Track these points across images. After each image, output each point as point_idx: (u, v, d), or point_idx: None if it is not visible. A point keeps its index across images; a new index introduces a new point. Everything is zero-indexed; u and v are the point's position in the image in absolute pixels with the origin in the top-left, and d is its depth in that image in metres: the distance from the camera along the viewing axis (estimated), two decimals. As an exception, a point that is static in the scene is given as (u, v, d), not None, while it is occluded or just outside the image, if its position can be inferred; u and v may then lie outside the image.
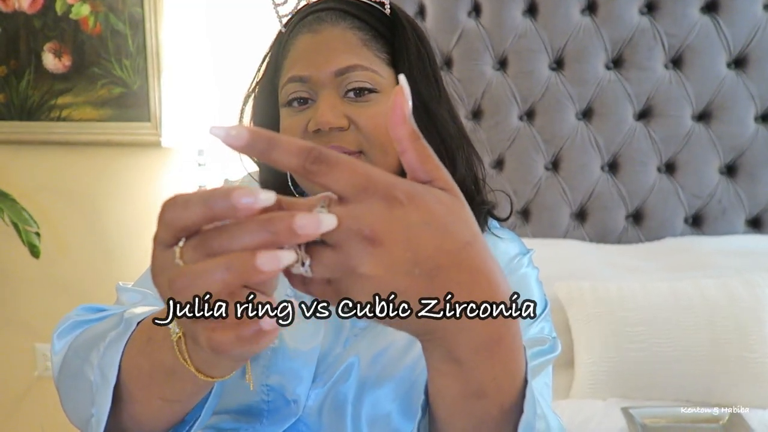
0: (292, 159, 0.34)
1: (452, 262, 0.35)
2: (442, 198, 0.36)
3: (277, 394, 0.72)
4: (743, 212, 1.74)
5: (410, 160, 0.37)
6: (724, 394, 1.33)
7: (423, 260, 0.34)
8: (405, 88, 0.37)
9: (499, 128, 1.78)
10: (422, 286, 0.34)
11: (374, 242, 0.34)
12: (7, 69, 1.97)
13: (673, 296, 1.40)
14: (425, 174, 0.37)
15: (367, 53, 0.69)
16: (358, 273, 0.34)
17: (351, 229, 0.34)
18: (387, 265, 0.34)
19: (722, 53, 1.69)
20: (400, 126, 0.36)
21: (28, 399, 2.16)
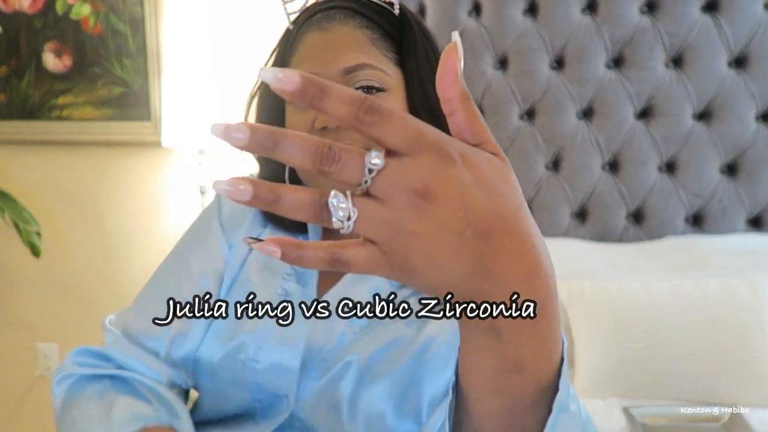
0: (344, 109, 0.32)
1: (504, 226, 0.34)
2: (493, 161, 0.35)
3: (267, 392, 0.72)
4: (744, 211, 1.74)
5: (459, 122, 0.36)
6: (725, 393, 1.33)
7: (475, 221, 0.33)
8: (458, 46, 0.35)
9: (499, 128, 1.78)
10: (474, 249, 0.33)
11: (426, 197, 0.32)
12: (7, 69, 1.97)
13: (674, 295, 1.40)
14: (473, 136, 0.36)
15: (376, 52, 0.69)
16: (407, 229, 0.33)
17: (402, 182, 0.32)
18: (439, 222, 0.32)
19: (723, 52, 1.69)
20: (451, 86, 0.35)
21: (29, 398, 2.16)
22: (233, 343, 0.73)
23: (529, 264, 0.35)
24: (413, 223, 0.32)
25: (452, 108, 0.35)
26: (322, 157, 0.32)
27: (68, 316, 2.08)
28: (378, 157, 0.32)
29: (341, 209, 0.33)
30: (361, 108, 0.32)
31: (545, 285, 0.36)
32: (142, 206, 2.01)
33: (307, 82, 0.31)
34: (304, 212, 0.33)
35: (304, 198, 0.33)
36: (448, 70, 0.34)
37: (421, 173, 0.32)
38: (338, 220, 0.33)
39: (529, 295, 0.35)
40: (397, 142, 0.32)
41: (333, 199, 0.33)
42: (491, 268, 0.34)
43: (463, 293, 0.35)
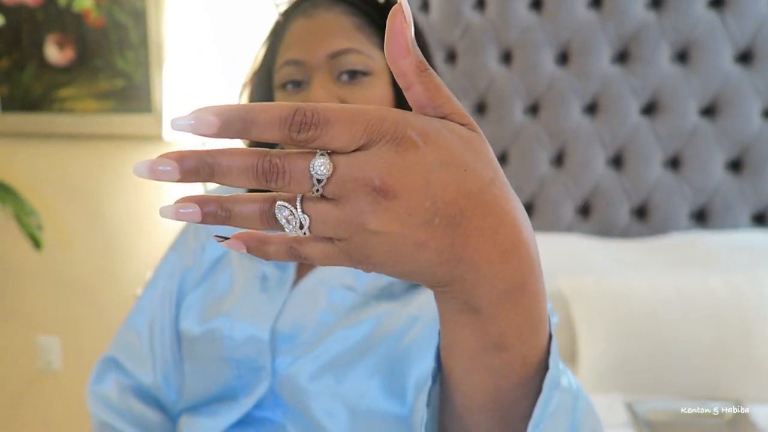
0: (275, 132, 0.29)
1: (476, 204, 0.31)
2: (461, 133, 0.32)
3: (245, 367, 0.75)
4: (748, 208, 1.73)
5: (418, 96, 0.32)
6: (728, 389, 1.33)
7: (444, 207, 0.30)
8: (405, 7, 0.31)
9: (503, 122, 1.78)
10: (444, 237, 0.31)
11: (387, 194, 0.30)
12: (9, 61, 1.97)
13: (677, 292, 1.40)
14: (436, 110, 0.32)
15: (360, 37, 0.71)
16: (369, 230, 0.30)
17: (356, 179, 0.30)
18: (403, 218, 0.30)
19: (728, 48, 1.68)
20: (402, 57, 0.31)
21: (30, 392, 2.16)
22: (210, 324, 0.77)
23: (504, 242, 0.32)
24: (373, 223, 0.30)
25: (408, 82, 0.32)
26: (263, 173, 0.30)
27: (69, 309, 2.08)
28: (323, 165, 0.30)
29: (291, 219, 0.31)
30: (291, 127, 0.29)
31: (523, 262, 0.33)
32: (143, 199, 2.01)
33: (227, 117, 0.29)
34: (258, 224, 0.32)
35: (254, 210, 0.31)
36: (396, 39, 0.31)
37: (377, 167, 0.30)
38: (291, 230, 0.31)
39: (505, 275, 0.33)
40: (344, 144, 0.30)
41: (279, 212, 0.31)
42: (462, 254, 0.32)
43: (431, 280, 0.33)
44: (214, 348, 0.76)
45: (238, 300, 0.77)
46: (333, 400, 0.70)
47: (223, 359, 0.75)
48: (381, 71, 0.72)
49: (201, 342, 0.78)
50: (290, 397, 0.72)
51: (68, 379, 2.12)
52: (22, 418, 2.18)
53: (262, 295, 0.77)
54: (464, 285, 0.33)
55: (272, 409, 0.74)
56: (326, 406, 0.70)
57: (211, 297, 0.80)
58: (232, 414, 0.75)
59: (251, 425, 0.75)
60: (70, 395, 2.12)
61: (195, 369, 0.80)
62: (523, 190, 1.80)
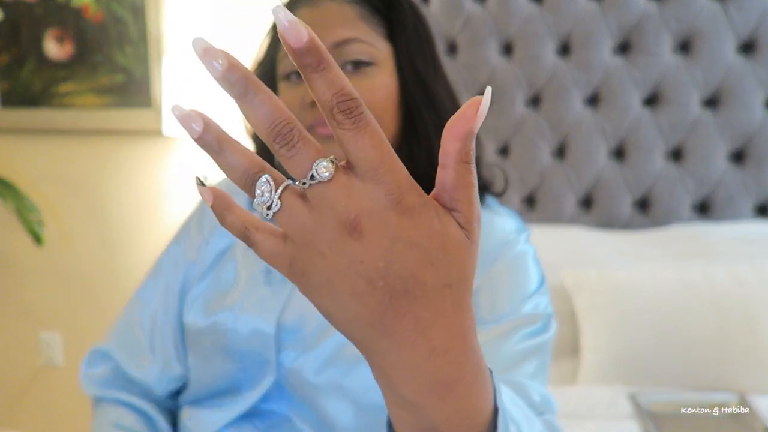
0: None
1: (423, 295, 0.31)
2: (451, 233, 0.32)
3: (250, 360, 0.74)
4: (751, 199, 1.73)
5: (445, 179, 0.32)
6: (732, 380, 1.32)
7: (392, 277, 0.30)
8: (484, 103, 0.31)
9: (504, 115, 1.77)
10: (380, 302, 0.31)
11: (353, 231, 0.30)
12: (8, 57, 1.96)
13: (681, 283, 1.39)
14: (452, 201, 0.32)
15: (365, 27, 0.70)
16: (319, 249, 0.31)
17: (339, 202, 0.30)
18: (353, 259, 0.30)
19: (730, 38, 1.67)
20: (455, 139, 0.31)
21: (33, 388, 2.16)
22: (214, 318, 0.77)
23: (435, 340, 0.32)
24: (326, 246, 0.30)
25: (446, 162, 0.32)
26: (278, 133, 0.30)
27: (70, 305, 2.08)
28: (327, 168, 0.30)
29: (265, 195, 0.31)
30: (340, 104, 0.30)
31: (452, 365, 0.33)
32: (144, 194, 2.00)
33: (313, 47, 0.29)
34: (236, 177, 0.32)
35: (242, 164, 0.32)
36: (460, 122, 0.31)
37: (362, 203, 0.30)
38: (259, 204, 0.32)
39: (429, 369, 0.32)
40: (358, 158, 0.30)
41: (260, 182, 0.31)
42: (390, 330, 0.31)
43: (354, 336, 0.33)
44: (218, 341, 0.76)
45: (242, 293, 0.76)
46: (339, 394, 0.70)
47: (228, 352, 0.75)
48: (385, 61, 0.71)
49: (205, 335, 0.77)
50: (296, 390, 0.72)
51: (70, 375, 2.12)
52: (24, 413, 2.18)
53: (267, 288, 0.76)
54: (384, 362, 0.33)
55: (278, 401, 0.74)
56: (332, 400, 0.70)
57: (215, 290, 0.79)
58: (237, 407, 0.75)
59: (257, 417, 0.75)
60: (71, 391, 2.12)
61: (199, 362, 0.79)
62: (525, 182, 1.79)
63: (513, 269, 0.73)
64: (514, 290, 0.71)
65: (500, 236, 0.75)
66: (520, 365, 0.65)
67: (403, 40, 0.72)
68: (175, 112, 0.32)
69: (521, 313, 0.70)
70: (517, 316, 0.69)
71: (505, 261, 0.74)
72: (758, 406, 1.24)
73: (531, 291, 0.72)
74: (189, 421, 0.79)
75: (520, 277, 0.73)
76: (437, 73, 0.75)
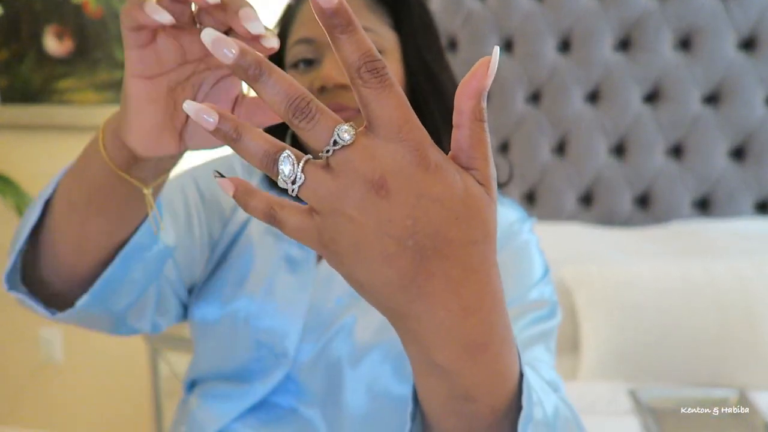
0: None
1: (451, 252, 0.31)
2: (473, 189, 0.32)
3: (266, 350, 0.73)
4: (751, 196, 1.73)
5: (461, 138, 0.33)
6: (732, 376, 1.32)
7: (421, 235, 0.31)
8: (493, 62, 0.32)
9: (504, 111, 1.77)
10: (410, 263, 0.31)
11: (380, 189, 0.30)
12: (8, 53, 1.96)
13: (681, 279, 1.39)
14: (468, 159, 0.33)
15: (371, 16, 0.70)
16: (346, 212, 0.31)
17: (363, 164, 0.31)
18: (382, 219, 0.31)
19: (731, 35, 1.67)
20: (468, 98, 0.32)
21: (33, 385, 2.16)
22: (233, 305, 0.74)
23: (467, 298, 0.32)
24: (354, 209, 0.31)
25: (461, 121, 0.33)
26: (296, 108, 0.31)
27: (71, 302, 2.08)
28: (347, 132, 0.31)
29: (288, 170, 0.32)
30: (367, 63, 0.30)
31: (484, 324, 0.33)
32: (145, 191, 2.00)
33: (342, 8, 0.30)
34: (257, 160, 0.32)
35: (261, 147, 0.32)
36: (472, 81, 0.32)
37: (386, 162, 0.31)
38: (283, 180, 0.32)
39: (463, 331, 0.33)
40: (381, 117, 0.31)
41: (283, 158, 0.32)
42: (422, 290, 0.32)
43: (386, 303, 0.33)
44: (236, 329, 0.74)
45: (263, 280, 0.75)
46: (350, 383, 0.70)
47: (246, 341, 0.74)
48: (392, 50, 0.71)
49: (221, 324, 0.75)
50: (308, 380, 0.72)
51: (70, 372, 2.12)
52: (25, 410, 2.18)
53: (291, 277, 0.74)
54: (418, 327, 0.33)
55: (284, 394, 0.73)
56: (344, 389, 0.70)
57: (229, 278, 0.76)
58: (246, 399, 0.74)
59: (262, 410, 0.74)
60: (71, 387, 2.12)
61: (210, 347, 0.77)
62: (525, 179, 1.79)
63: (518, 258, 0.74)
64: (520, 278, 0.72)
65: (504, 225, 0.76)
66: (529, 349, 0.65)
67: (410, 29, 0.72)
68: (188, 108, 0.32)
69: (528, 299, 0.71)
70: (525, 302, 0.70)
71: (510, 250, 0.74)
72: (758, 402, 1.24)
73: (536, 279, 0.73)
74: (198, 410, 0.77)
75: (525, 265, 0.74)
76: (443, 62, 0.75)
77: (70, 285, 0.58)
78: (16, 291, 0.58)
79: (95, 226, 0.53)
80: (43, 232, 0.56)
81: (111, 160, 0.49)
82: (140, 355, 1.96)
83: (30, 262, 0.59)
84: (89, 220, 0.53)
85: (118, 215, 0.53)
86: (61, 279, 0.57)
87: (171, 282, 0.73)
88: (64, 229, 0.54)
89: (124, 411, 2.09)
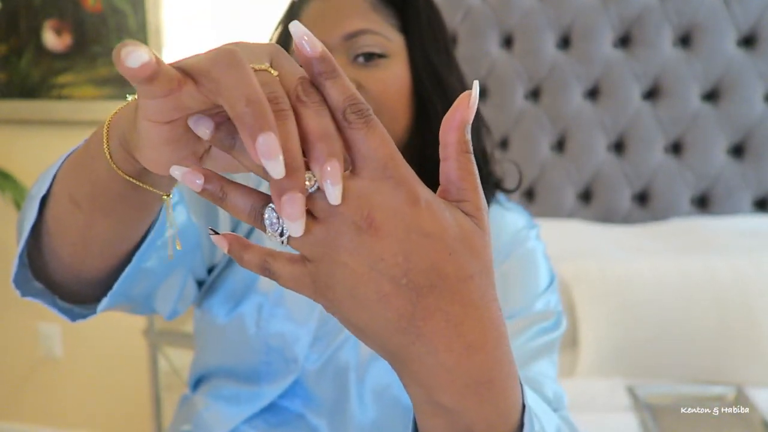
0: None
1: (448, 288, 0.31)
2: (463, 223, 0.32)
3: (277, 354, 0.73)
4: (750, 193, 1.73)
5: (449, 171, 0.33)
6: (731, 373, 1.33)
7: (415, 272, 0.30)
8: (473, 96, 0.33)
9: (504, 107, 1.76)
10: (407, 302, 0.31)
11: (369, 229, 0.30)
12: (7, 47, 1.95)
13: (680, 276, 1.39)
14: (458, 191, 0.33)
15: (377, 18, 0.69)
16: (339, 260, 0.31)
17: (348, 207, 0.30)
18: (374, 259, 0.30)
19: (731, 32, 1.67)
20: (453, 130, 0.33)
21: (32, 379, 2.16)
22: (243, 306, 0.73)
23: (469, 335, 0.32)
24: (345, 253, 0.31)
25: (447, 154, 0.33)
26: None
27: (70, 297, 2.08)
28: (309, 179, 0.31)
29: (275, 224, 0.32)
30: (352, 106, 0.31)
31: (489, 361, 0.33)
32: (144, 187, 2.00)
33: (326, 56, 0.31)
34: (245, 216, 0.33)
35: (246, 203, 0.33)
36: (454, 116, 0.33)
37: (373, 200, 0.31)
38: (272, 233, 0.33)
39: (468, 369, 0.32)
40: (367, 157, 0.31)
41: (267, 213, 0.33)
42: (421, 330, 0.31)
43: (388, 349, 0.33)
44: (245, 331, 0.73)
45: (274, 283, 0.71)
46: (358, 392, 0.70)
47: (256, 343, 0.73)
48: (398, 52, 0.69)
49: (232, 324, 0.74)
50: (316, 388, 0.72)
51: (69, 367, 2.12)
52: (24, 405, 2.18)
53: None
54: (421, 369, 0.32)
55: (292, 399, 0.73)
56: (351, 398, 0.70)
57: (242, 277, 0.74)
58: (256, 403, 0.73)
59: (270, 413, 0.74)
60: (71, 382, 2.12)
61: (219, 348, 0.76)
62: (524, 175, 1.78)
63: (525, 265, 0.74)
64: (526, 287, 0.72)
65: (512, 232, 0.75)
66: (534, 362, 0.65)
67: (417, 31, 0.70)
68: (175, 173, 0.33)
69: (534, 310, 0.70)
70: (531, 313, 0.70)
71: (517, 257, 0.74)
72: (756, 399, 1.25)
73: (542, 288, 0.73)
74: (206, 412, 0.76)
75: (531, 273, 0.73)
76: (451, 64, 0.73)
77: (77, 285, 0.55)
78: (31, 296, 0.55)
79: (102, 228, 0.48)
80: (42, 234, 0.52)
81: (119, 168, 0.42)
82: (139, 350, 1.96)
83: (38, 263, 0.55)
84: (95, 222, 0.48)
85: (129, 218, 0.48)
86: (66, 280, 0.54)
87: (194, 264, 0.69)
88: (66, 230, 0.50)
89: (123, 406, 2.09)
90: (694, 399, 1.26)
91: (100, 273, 0.53)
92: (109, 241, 0.50)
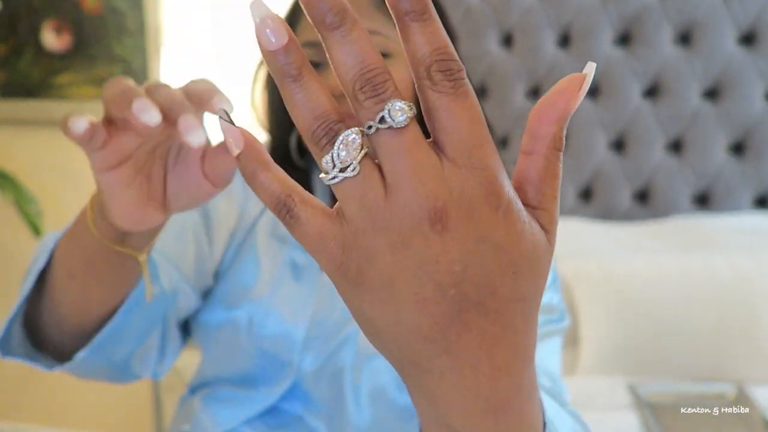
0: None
1: (491, 308, 0.26)
2: (537, 238, 0.27)
3: (270, 358, 0.72)
4: (750, 191, 1.73)
5: (532, 169, 0.27)
6: (731, 370, 1.33)
7: (467, 285, 0.25)
8: (586, 82, 0.27)
9: (504, 106, 1.76)
10: (445, 314, 0.26)
11: (437, 225, 0.25)
12: (6, 47, 1.95)
13: (680, 273, 1.39)
14: (537, 195, 0.27)
15: (380, 17, 0.68)
16: (387, 240, 0.25)
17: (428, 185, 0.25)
18: (426, 260, 0.25)
19: (731, 30, 1.67)
20: (550, 123, 0.27)
21: (32, 379, 2.16)
22: (237, 312, 0.73)
23: (500, 360, 0.27)
24: (398, 238, 0.25)
25: (535, 148, 0.27)
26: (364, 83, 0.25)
27: (70, 297, 2.08)
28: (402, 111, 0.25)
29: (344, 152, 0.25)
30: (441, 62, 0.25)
31: (511, 387, 0.28)
32: (144, 187, 2.00)
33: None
34: (309, 120, 0.27)
35: (321, 104, 0.27)
36: (557, 102, 0.27)
37: (453, 192, 0.25)
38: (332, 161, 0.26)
39: (486, 395, 0.28)
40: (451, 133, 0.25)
41: (348, 134, 0.26)
42: (453, 345, 0.26)
43: (406, 356, 0.27)
44: (238, 336, 0.73)
45: (267, 287, 0.73)
46: (354, 394, 0.70)
47: (249, 348, 0.73)
48: (401, 53, 0.68)
49: (224, 330, 0.74)
50: (314, 390, 0.72)
51: (70, 367, 2.12)
52: (24, 405, 2.18)
53: (295, 285, 0.73)
54: (439, 385, 0.28)
55: (291, 401, 0.73)
56: (348, 400, 0.70)
57: (235, 284, 0.74)
58: (253, 405, 0.73)
59: (269, 415, 0.74)
60: (71, 382, 2.12)
61: (215, 353, 0.77)
62: (525, 174, 1.78)
63: None
64: None
65: None
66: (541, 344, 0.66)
67: None
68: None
69: None
70: None
71: None
72: (757, 396, 1.25)
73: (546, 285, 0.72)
74: (203, 413, 0.76)
75: None
76: None
77: (72, 339, 0.60)
78: (12, 356, 0.61)
79: (95, 291, 0.56)
80: (43, 300, 0.59)
81: (102, 236, 0.51)
82: (140, 351, 1.96)
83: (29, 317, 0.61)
84: (89, 288, 0.55)
85: (116, 280, 0.55)
86: (66, 334, 0.60)
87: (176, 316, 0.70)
88: (66, 297, 0.56)
89: (123, 406, 2.09)
90: (695, 397, 1.26)
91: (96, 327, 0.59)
92: (103, 300, 0.57)
